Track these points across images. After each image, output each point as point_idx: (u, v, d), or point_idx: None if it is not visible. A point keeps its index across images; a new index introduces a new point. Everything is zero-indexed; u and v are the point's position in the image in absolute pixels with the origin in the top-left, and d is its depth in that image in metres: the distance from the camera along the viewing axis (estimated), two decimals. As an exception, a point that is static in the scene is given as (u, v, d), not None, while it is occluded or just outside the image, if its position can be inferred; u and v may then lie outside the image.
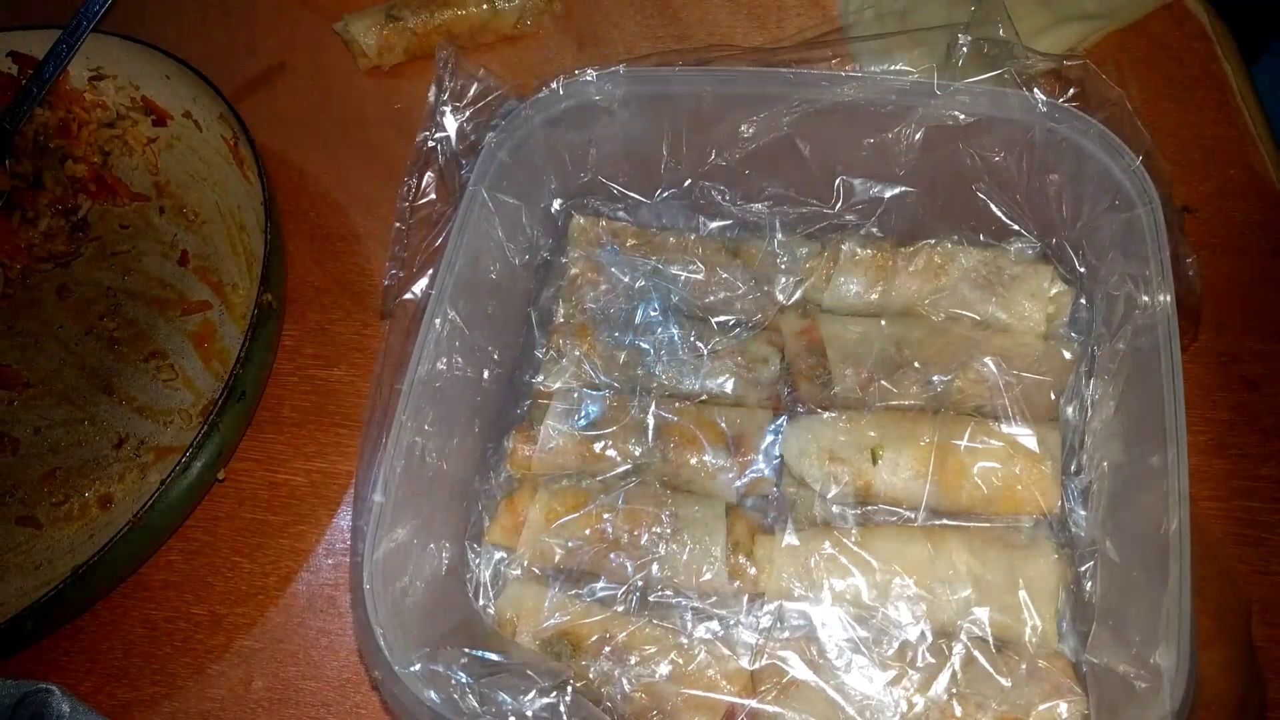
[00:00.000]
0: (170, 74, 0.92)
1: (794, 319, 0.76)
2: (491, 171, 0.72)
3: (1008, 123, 0.69)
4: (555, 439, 0.71)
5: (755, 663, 0.63)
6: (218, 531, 0.79)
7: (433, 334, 0.66)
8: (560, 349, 0.76)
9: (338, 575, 0.77)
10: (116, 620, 0.77)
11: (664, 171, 0.78)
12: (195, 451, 0.71)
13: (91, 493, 0.81)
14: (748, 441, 0.70)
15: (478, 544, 0.71)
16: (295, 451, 0.82)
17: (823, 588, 0.64)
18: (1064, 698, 0.58)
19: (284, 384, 0.85)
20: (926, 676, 0.60)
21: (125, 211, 0.96)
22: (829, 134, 0.72)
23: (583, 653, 0.64)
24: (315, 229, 0.93)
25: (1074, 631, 0.63)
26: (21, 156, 0.94)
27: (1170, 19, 0.92)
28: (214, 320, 0.88)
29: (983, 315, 0.73)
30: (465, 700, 0.56)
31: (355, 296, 0.89)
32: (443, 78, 0.75)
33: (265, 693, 0.72)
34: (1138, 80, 0.89)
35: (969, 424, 0.67)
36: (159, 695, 0.74)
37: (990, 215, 0.73)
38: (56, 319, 0.91)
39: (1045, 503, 0.65)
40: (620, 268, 0.78)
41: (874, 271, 0.75)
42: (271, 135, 0.98)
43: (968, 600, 0.62)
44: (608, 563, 0.67)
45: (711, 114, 0.74)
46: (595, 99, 0.74)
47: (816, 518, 0.68)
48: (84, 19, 0.91)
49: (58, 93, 0.95)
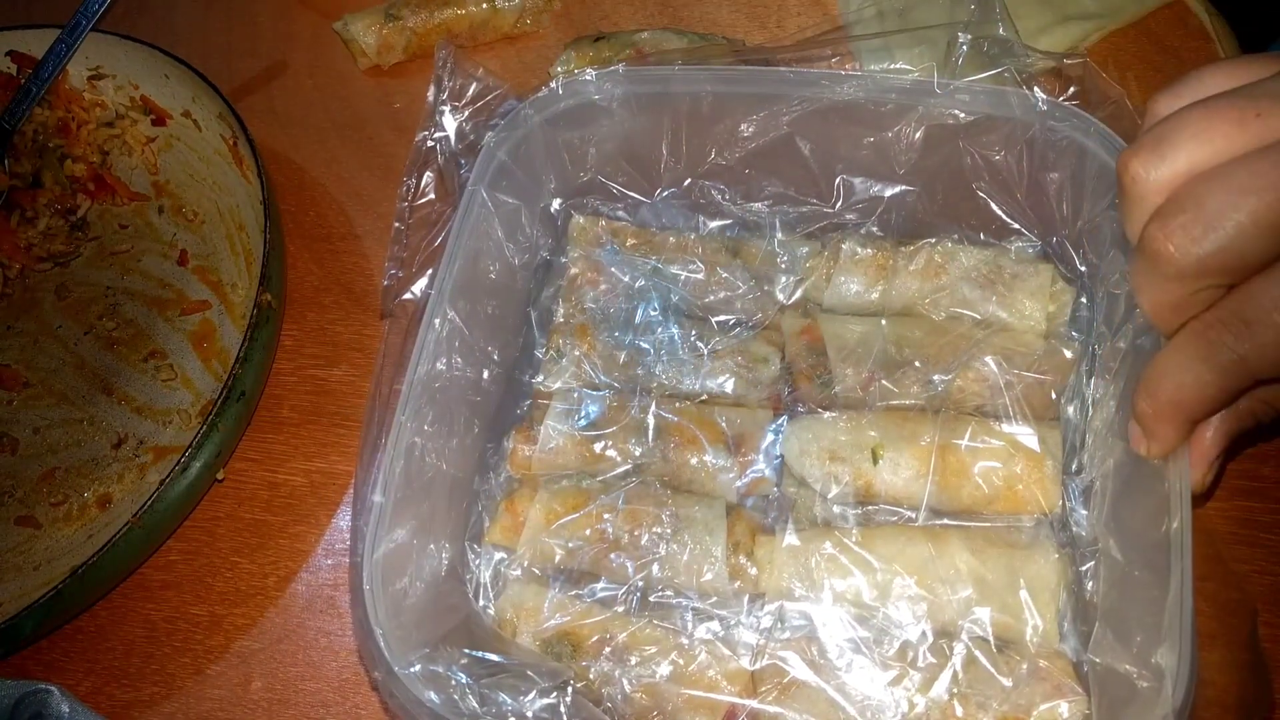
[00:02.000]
0: (169, 73, 0.92)
1: (794, 318, 0.75)
2: (491, 171, 0.72)
3: (1008, 121, 0.68)
4: (555, 439, 0.71)
5: (756, 663, 0.63)
6: (217, 532, 0.79)
7: (432, 334, 0.66)
8: (560, 349, 0.76)
9: (337, 575, 0.77)
10: (116, 620, 0.77)
11: (664, 171, 0.78)
12: (194, 451, 0.71)
13: (91, 493, 0.81)
14: (748, 441, 0.70)
15: (478, 544, 0.70)
16: (295, 451, 0.82)
17: (823, 588, 0.64)
18: (1065, 697, 0.58)
19: (283, 384, 0.85)
20: (927, 676, 0.60)
21: (124, 211, 0.96)
22: (829, 133, 0.72)
23: (583, 653, 0.64)
24: (314, 229, 0.93)
25: (1075, 631, 0.62)
26: (20, 156, 0.94)
27: (1171, 18, 0.92)
28: (213, 320, 0.88)
29: (983, 314, 0.72)
30: (465, 701, 0.56)
31: (355, 296, 0.89)
32: (442, 77, 0.75)
33: (265, 693, 0.72)
34: (1138, 79, 0.89)
35: (970, 423, 0.67)
36: (158, 696, 0.74)
37: (991, 214, 0.73)
38: (55, 319, 0.91)
39: (1046, 502, 0.65)
40: (620, 267, 0.78)
41: (874, 271, 0.75)
42: (271, 135, 0.98)
43: (969, 600, 0.62)
44: (608, 563, 0.67)
45: (711, 113, 0.74)
46: (595, 99, 0.74)
47: (817, 518, 0.68)
48: (83, 18, 0.91)
49: (57, 92, 0.95)
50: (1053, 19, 0.91)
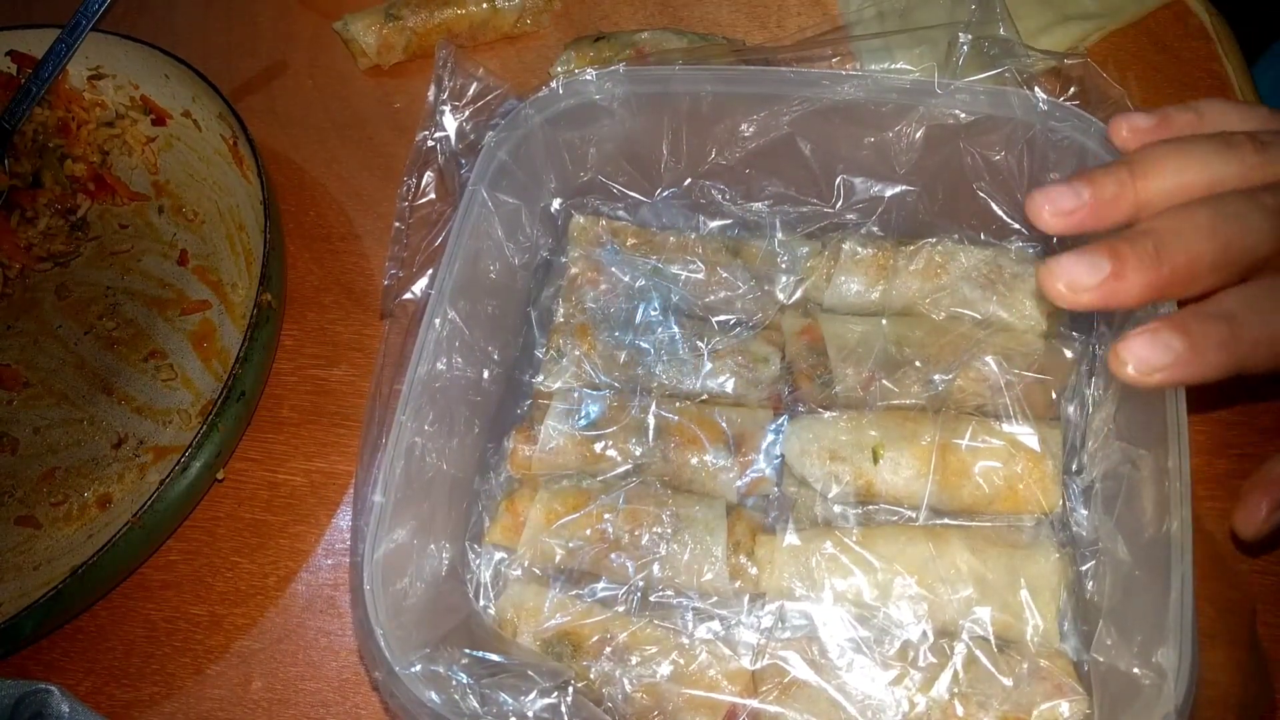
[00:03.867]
0: (169, 73, 0.92)
1: (795, 318, 0.76)
2: (491, 171, 0.72)
3: (1009, 121, 0.68)
4: (555, 439, 0.71)
5: (756, 662, 0.63)
6: (217, 531, 0.79)
7: (432, 334, 0.66)
8: (560, 349, 0.76)
9: (337, 575, 0.77)
10: (116, 620, 0.77)
11: (664, 171, 0.78)
12: (194, 451, 0.71)
13: (91, 493, 0.81)
14: (749, 441, 0.70)
15: (478, 544, 0.70)
16: (295, 451, 0.82)
17: (824, 587, 0.64)
18: (1066, 697, 0.58)
19: (283, 384, 0.85)
20: (928, 676, 0.60)
21: (124, 211, 0.96)
22: (830, 133, 0.72)
23: (584, 653, 0.64)
24: (314, 228, 0.93)
25: (1075, 631, 0.63)
26: (20, 156, 0.93)
27: (1171, 18, 0.92)
28: (213, 320, 0.88)
29: (984, 314, 0.72)
30: (466, 701, 0.56)
31: (355, 296, 0.89)
32: (442, 77, 0.75)
33: (265, 693, 0.72)
34: (1139, 79, 0.89)
35: (970, 423, 0.67)
36: (158, 695, 0.73)
37: (991, 214, 0.73)
38: (55, 319, 0.91)
39: (1046, 502, 0.65)
40: (620, 267, 0.78)
41: (875, 270, 0.75)
42: (271, 135, 0.98)
43: (969, 600, 0.62)
44: (608, 563, 0.67)
45: (712, 113, 0.74)
46: (595, 98, 0.74)
47: (818, 517, 0.68)
48: (83, 18, 0.91)
49: (57, 92, 0.95)
50: (1053, 19, 0.91)
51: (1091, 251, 0.46)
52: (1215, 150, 0.48)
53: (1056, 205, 0.48)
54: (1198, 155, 0.48)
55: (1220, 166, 0.48)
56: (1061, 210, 0.48)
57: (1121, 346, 0.45)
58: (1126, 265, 0.45)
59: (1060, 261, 0.46)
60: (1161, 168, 0.48)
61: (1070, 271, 0.46)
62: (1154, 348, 0.44)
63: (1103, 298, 0.46)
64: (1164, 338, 0.44)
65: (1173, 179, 0.48)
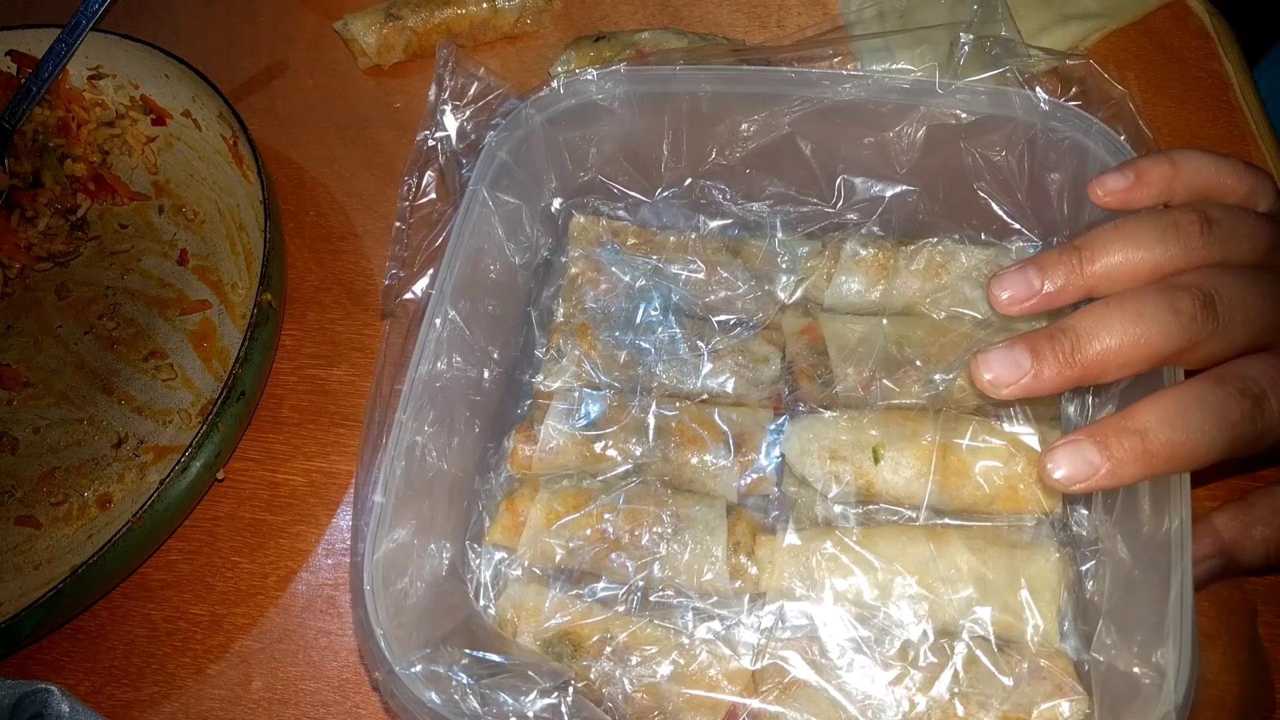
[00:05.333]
0: (169, 73, 0.92)
1: (795, 318, 0.75)
2: (492, 171, 0.72)
3: (1009, 121, 0.69)
4: (555, 439, 0.71)
5: (757, 662, 0.63)
6: (217, 531, 0.79)
7: (433, 334, 0.66)
8: (560, 349, 0.76)
9: (338, 575, 0.77)
10: (116, 620, 0.77)
11: (664, 171, 0.78)
12: (194, 451, 0.71)
13: (91, 492, 0.81)
14: (749, 441, 0.70)
15: (478, 544, 0.70)
16: (295, 451, 0.82)
17: (824, 587, 0.64)
18: (1066, 697, 0.58)
19: (284, 384, 0.85)
20: (928, 676, 0.60)
21: (124, 211, 0.96)
22: (830, 132, 0.72)
23: (584, 653, 0.64)
24: (315, 228, 0.93)
25: (1076, 631, 0.63)
26: (20, 156, 0.94)
27: (1172, 18, 0.92)
28: (213, 320, 0.88)
29: (984, 314, 0.72)
30: (466, 701, 0.56)
31: (355, 296, 0.89)
32: (443, 77, 0.75)
33: (265, 693, 0.72)
34: (1139, 79, 0.89)
35: (971, 423, 0.67)
36: (159, 695, 0.73)
37: (991, 214, 0.73)
38: (55, 318, 0.91)
39: (1047, 502, 0.65)
40: (620, 267, 0.78)
41: (875, 270, 0.75)
42: (271, 134, 0.98)
43: (969, 599, 0.62)
44: (609, 563, 0.67)
45: (712, 113, 0.74)
46: (596, 98, 0.74)
47: (818, 517, 0.68)
48: (83, 18, 0.91)
49: (57, 92, 0.95)
50: (1053, 19, 0.91)
51: (1017, 347, 0.52)
52: (1160, 236, 0.53)
53: (1012, 295, 0.54)
54: (1143, 240, 0.53)
55: (1162, 251, 0.53)
56: (1016, 299, 0.54)
57: (1048, 456, 0.51)
58: (1044, 364, 0.51)
59: (989, 356, 0.52)
60: (1109, 252, 0.53)
61: (994, 368, 0.52)
62: (1075, 462, 0.51)
63: (1022, 391, 0.52)
64: (1085, 453, 0.50)
65: (1120, 264, 0.53)
